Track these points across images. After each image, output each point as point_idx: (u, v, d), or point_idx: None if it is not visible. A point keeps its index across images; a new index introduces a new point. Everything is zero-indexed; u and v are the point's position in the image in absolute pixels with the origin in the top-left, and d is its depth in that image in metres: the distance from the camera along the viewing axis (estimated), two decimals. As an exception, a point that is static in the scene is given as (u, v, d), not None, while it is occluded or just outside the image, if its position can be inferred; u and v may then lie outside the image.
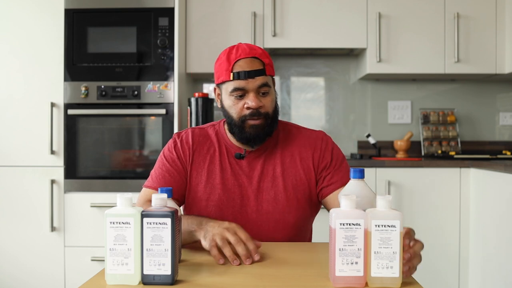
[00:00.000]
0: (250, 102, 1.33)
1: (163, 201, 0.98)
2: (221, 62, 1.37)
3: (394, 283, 0.94)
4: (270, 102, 1.38)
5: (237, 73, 1.33)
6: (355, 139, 3.35)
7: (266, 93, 1.36)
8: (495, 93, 3.34)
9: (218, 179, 1.41)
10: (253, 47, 1.37)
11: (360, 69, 3.19)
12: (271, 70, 1.39)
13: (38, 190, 2.69)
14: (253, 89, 1.34)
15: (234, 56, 1.35)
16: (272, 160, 1.43)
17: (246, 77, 1.33)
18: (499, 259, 2.41)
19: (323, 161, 1.43)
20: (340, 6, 2.96)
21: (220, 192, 1.40)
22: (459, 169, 2.70)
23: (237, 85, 1.33)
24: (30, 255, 2.69)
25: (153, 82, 2.69)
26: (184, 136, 1.47)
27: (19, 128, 2.72)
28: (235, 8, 2.96)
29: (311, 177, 1.43)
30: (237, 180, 1.41)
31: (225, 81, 1.36)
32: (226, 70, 1.35)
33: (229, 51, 1.36)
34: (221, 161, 1.42)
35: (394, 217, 0.92)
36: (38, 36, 2.71)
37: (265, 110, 1.36)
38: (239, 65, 1.34)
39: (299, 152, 1.44)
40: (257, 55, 1.36)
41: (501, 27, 2.95)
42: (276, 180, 1.41)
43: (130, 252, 0.94)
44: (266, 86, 1.35)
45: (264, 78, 1.35)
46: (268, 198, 1.40)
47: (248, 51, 1.35)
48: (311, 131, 1.50)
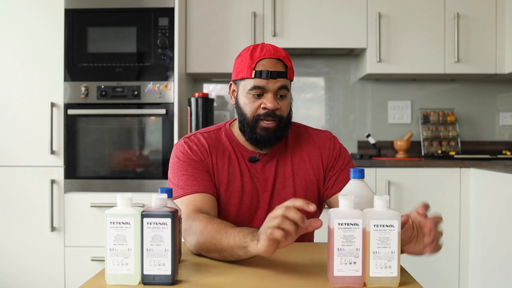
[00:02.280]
0: (268, 102, 1.32)
1: (163, 201, 0.98)
2: (243, 59, 1.35)
3: (393, 283, 0.94)
4: (286, 106, 1.36)
5: (260, 71, 1.31)
6: (355, 139, 3.35)
7: (284, 96, 1.35)
8: (495, 93, 3.34)
9: (238, 182, 1.38)
10: (278, 49, 1.36)
11: (360, 69, 3.19)
12: (292, 74, 1.38)
13: (38, 190, 2.70)
14: (273, 90, 1.32)
15: (258, 55, 1.33)
16: (283, 161, 1.42)
17: (268, 77, 1.31)
18: (499, 259, 2.41)
19: (331, 161, 1.44)
20: (340, 6, 2.96)
21: (239, 195, 1.38)
22: (459, 169, 2.70)
23: (257, 84, 1.32)
24: (30, 255, 2.70)
25: (153, 82, 2.70)
26: (196, 139, 1.41)
27: (19, 128, 2.72)
28: (235, 8, 2.96)
29: (320, 177, 1.43)
30: (254, 183, 1.40)
31: (245, 78, 1.34)
32: (248, 67, 1.33)
33: (253, 49, 1.35)
34: (239, 164, 1.40)
35: (392, 217, 0.93)
36: (38, 36, 2.72)
37: (281, 113, 1.35)
38: (262, 64, 1.32)
39: (308, 152, 1.44)
40: (281, 57, 1.34)
41: (501, 27, 2.95)
42: (286, 181, 1.41)
43: (130, 252, 0.95)
44: (285, 89, 1.34)
45: (285, 81, 1.34)
46: (279, 199, 1.40)
47: (273, 52, 1.34)
48: (319, 131, 1.50)
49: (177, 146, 1.41)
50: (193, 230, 1.18)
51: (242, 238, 1.05)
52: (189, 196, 1.31)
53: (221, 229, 1.13)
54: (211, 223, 1.17)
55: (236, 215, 1.38)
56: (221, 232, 1.12)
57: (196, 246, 1.18)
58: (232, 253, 1.08)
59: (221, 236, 1.11)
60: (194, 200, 1.29)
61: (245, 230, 1.07)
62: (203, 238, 1.15)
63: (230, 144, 1.42)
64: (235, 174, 1.39)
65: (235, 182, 1.39)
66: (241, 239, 1.05)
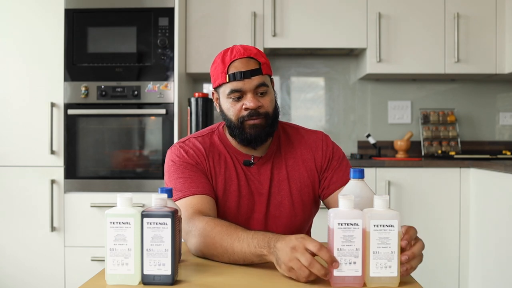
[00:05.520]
0: (248, 103, 1.30)
1: (163, 201, 0.98)
2: (216, 65, 1.35)
3: (393, 283, 0.94)
4: (269, 102, 1.34)
5: (233, 74, 1.30)
6: (355, 139, 3.35)
7: (264, 93, 1.33)
8: (495, 93, 3.35)
9: (234, 186, 1.38)
10: (248, 48, 1.35)
11: (360, 69, 3.19)
12: (268, 69, 1.36)
13: (38, 190, 2.70)
14: (251, 89, 1.31)
15: (228, 58, 1.32)
16: (278, 164, 1.42)
17: (242, 77, 1.29)
18: (499, 259, 2.41)
19: (324, 161, 1.43)
20: (340, 6, 2.96)
21: (236, 199, 1.38)
22: (459, 169, 2.71)
23: (233, 87, 1.30)
24: (30, 255, 2.70)
25: (153, 82, 2.70)
26: (191, 144, 1.39)
27: (19, 128, 2.72)
28: (235, 8, 2.96)
29: (315, 179, 1.43)
30: (250, 186, 1.39)
31: (222, 83, 1.33)
32: (221, 72, 1.32)
33: (223, 54, 1.34)
34: (235, 168, 1.39)
35: (392, 217, 0.93)
36: (38, 36, 2.72)
37: (265, 110, 1.33)
38: (234, 66, 1.31)
39: (301, 154, 1.43)
40: (252, 55, 1.33)
41: (501, 27, 2.95)
42: (282, 185, 1.40)
43: (130, 252, 0.95)
44: (264, 86, 1.32)
45: (261, 77, 1.32)
46: (275, 203, 1.39)
47: (243, 52, 1.32)
48: (310, 131, 1.49)
49: (172, 151, 1.40)
50: (197, 232, 1.18)
51: (257, 246, 1.06)
52: (188, 198, 1.29)
53: (232, 232, 1.12)
54: (219, 225, 1.16)
55: (234, 218, 1.37)
56: (232, 236, 1.11)
57: (201, 248, 1.17)
58: (244, 258, 1.09)
59: (233, 240, 1.10)
60: (193, 202, 1.28)
61: (259, 236, 1.08)
62: (210, 240, 1.14)
63: (224, 148, 1.41)
64: (231, 177, 1.38)
65: (232, 186, 1.38)
66: (256, 248, 1.06)
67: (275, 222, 1.40)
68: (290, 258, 0.97)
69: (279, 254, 1.00)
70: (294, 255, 0.97)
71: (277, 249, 1.01)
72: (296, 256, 0.96)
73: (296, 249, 0.97)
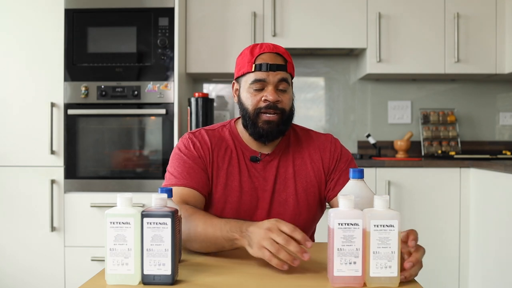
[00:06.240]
0: (268, 95, 1.34)
1: (163, 201, 0.98)
2: (243, 56, 1.39)
3: (393, 283, 0.94)
4: (288, 100, 1.38)
5: (259, 64, 1.34)
6: (355, 139, 3.35)
7: (284, 90, 1.37)
8: (495, 93, 3.35)
9: (236, 181, 1.40)
10: (277, 46, 1.40)
11: (360, 69, 3.19)
12: (292, 69, 1.40)
13: (38, 190, 2.70)
14: (273, 82, 1.34)
15: (258, 50, 1.37)
16: (284, 162, 1.43)
17: (268, 69, 1.34)
18: (499, 259, 2.41)
19: (332, 163, 1.44)
20: (340, 6, 2.96)
21: (238, 194, 1.39)
22: (459, 169, 2.71)
23: (258, 77, 1.34)
24: (30, 255, 2.70)
25: (153, 82, 2.70)
26: (200, 136, 1.44)
27: (19, 128, 2.72)
28: (235, 8, 2.96)
29: (321, 180, 1.44)
30: (253, 183, 1.40)
31: (246, 73, 1.37)
32: (248, 62, 1.36)
33: (253, 47, 1.39)
34: (239, 163, 1.41)
35: (392, 217, 0.93)
36: (38, 36, 2.72)
37: (283, 106, 1.36)
38: (262, 58, 1.36)
39: (309, 154, 1.45)
40: (280, 52, 1.38)
41: (501, 27, 2.95)
42: (287, 182, 1.42)
43: (130, 252, 0.95)
44: (286, 83, 1.36)
45: (285, 74, 1.36)
46: (279, 201, 1.41)
47: (272, 47, 1.38)
48: (320, 134, 1.51)
49: (182, 140, 1.45)
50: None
51: (229, 230, 1.11)
52: (179, 187, 1.34)
53: (207, 220, 1.18)
54: (196, 213, 1.22)
55: (236, 213, 1.39)
56: (207, 222, 1.17)
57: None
58: (216, 242, 1.15)
59: (206, 226, 1.16)
60: (182, 193, 1.33)
61: (232, 222, 1.14)
62: (185, 225, 1.18)
63: (233, 142, 1.44)
64: (233, 172, 1.40)
65: (234, 181, 1.40)
66: (228, 232, 1.11)
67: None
68: (264, 237, 1.02)
69: (252, 236, 1.05)
70: (268, 235, 1.02)
71: (250, 232, 1.06)
72: (271, 236, 1.01)
73: (272, 230, 1.02)
